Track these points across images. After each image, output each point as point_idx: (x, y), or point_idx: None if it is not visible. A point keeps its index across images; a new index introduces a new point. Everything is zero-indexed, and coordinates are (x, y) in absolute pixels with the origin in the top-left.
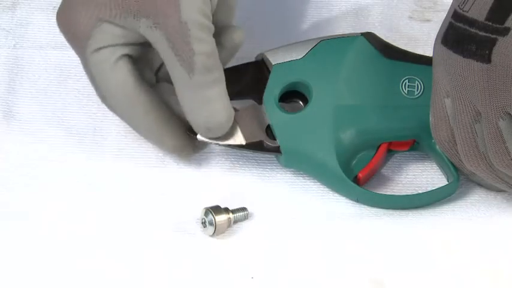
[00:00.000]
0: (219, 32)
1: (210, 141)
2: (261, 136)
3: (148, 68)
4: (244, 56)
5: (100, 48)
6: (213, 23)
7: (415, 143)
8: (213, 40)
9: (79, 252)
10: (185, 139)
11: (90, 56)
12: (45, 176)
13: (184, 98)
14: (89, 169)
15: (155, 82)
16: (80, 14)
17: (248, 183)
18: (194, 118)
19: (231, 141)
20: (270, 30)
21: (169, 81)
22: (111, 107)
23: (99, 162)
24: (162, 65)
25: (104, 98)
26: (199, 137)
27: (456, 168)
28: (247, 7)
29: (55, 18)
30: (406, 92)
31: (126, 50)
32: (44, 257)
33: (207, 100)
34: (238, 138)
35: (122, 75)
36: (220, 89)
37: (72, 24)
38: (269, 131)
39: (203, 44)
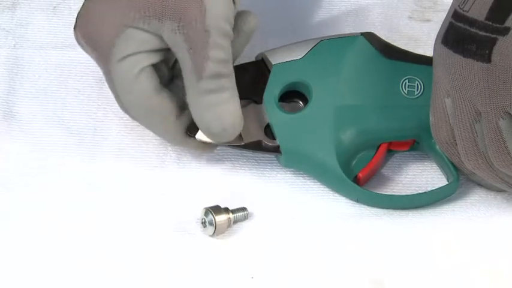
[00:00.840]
0: (235, 18)
1: (208, 140)
2: (260, 136)
3: (164, 64)
4: (244, 56)
5: (125, 57)
6: None
7: (415, 143)
8: (230, 47)
9: (79, 252)
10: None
11: (115, 66)
12: (45, 176)
13: (190, 102)
14: (89, 169)
15: (171, 78)
16: (103, 22)
17: (248, 183)
18: (199, 122)
19: (229, 142)
20: (270, 30)
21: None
22: (133, 117)
23: (99, 162)
24: (176, 60)
25: (125, 108)
26: (197, 137)
27: (456, 168)
28: (247, 7)
29: (55, 18)
30: (406, 92)
31: (149, 59)
32: (44, 257)
33: (210, 106)
34: (237, 138)
35: (145, 87)
36: (227, 96)
37: (95, 33)
38: (268, 130)
39: (220, 51)
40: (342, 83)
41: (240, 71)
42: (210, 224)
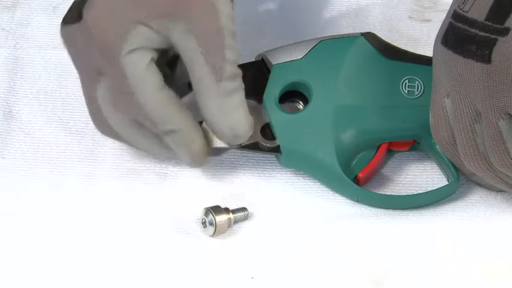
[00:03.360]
0: None
1: (223, 145)
2: (257, 137)
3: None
4: (244, 56)
5: (134, 50)
6: None
7: (415, 143)
8: (237, 47)
9: (79, 252)
10: (206, 144)
11: (125, 58)
12: (45, 176)
13: (210, 105)
14: (89, 169)
15: None
16: (117, 16)
17: (248, 183)
18: (221, 126)
19: (225, 144)
20: (270, 30)
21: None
22: (143, 107)
23: (99, 162)
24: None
25: (137, 99)
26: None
27: (456, 168)
28: (247, 7)
29: (55, 18)
30: (406, 92)
31: (153, 55)
32: (44, 257)
33: (233, 107)
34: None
35: (155, 79)
36: (243, 96)
37: (108, 26)
38: (264, 131)
39: (233, 52)
40: (342, 83)
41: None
42: (210, 224)
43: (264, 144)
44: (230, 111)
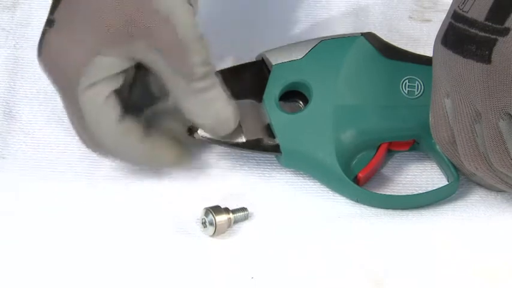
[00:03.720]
0: None
1: (209, 136)
2: (261, 134)
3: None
4: (244, 56)
5: (92, 85)
6: None
7: (415, 143)
8: (206, 46)
9: (78, 252)
10: (180, 149)
11: (82, 94)
12: (45, 176)
13: (189, 105)
14: (89, 169)
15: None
16: (70, 52)
17: (248, 183)
18: (205, 118)
19: (230, 139)
20: (270, 30)
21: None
22: (101, 145)
23: (99, 162)
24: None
25: (93, 136)
26: (200, 132)
27: (456, 168)
28: (247, 7)
29: None
30: (406, 92)
31: (115, 83)
32: (43, 258)
33: (211, 99)
34: (238, 136)
35: (113, 110)
36: (220, 89)
37: (63, 62)
38: (268, 129)
39: (199, 54)
40: (342, 83)
41: (240, 71)
42: (210, 224)
43: (267, 141)
44: (209, 102)
